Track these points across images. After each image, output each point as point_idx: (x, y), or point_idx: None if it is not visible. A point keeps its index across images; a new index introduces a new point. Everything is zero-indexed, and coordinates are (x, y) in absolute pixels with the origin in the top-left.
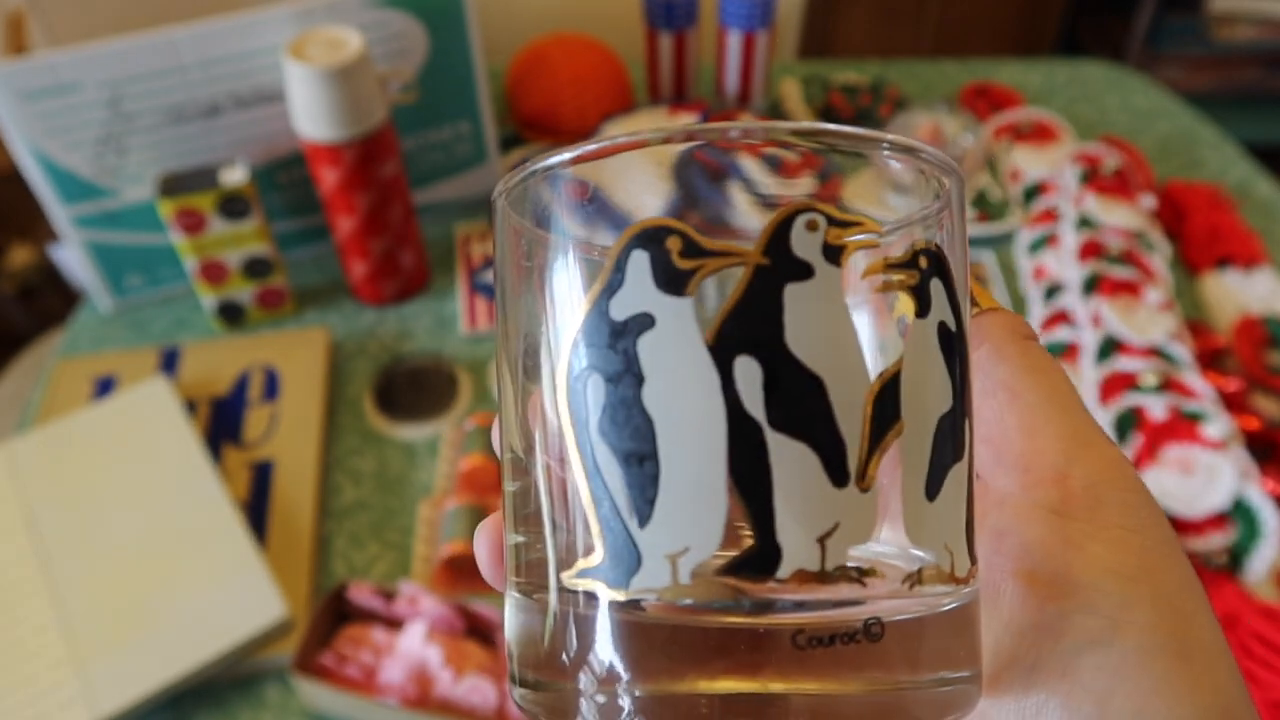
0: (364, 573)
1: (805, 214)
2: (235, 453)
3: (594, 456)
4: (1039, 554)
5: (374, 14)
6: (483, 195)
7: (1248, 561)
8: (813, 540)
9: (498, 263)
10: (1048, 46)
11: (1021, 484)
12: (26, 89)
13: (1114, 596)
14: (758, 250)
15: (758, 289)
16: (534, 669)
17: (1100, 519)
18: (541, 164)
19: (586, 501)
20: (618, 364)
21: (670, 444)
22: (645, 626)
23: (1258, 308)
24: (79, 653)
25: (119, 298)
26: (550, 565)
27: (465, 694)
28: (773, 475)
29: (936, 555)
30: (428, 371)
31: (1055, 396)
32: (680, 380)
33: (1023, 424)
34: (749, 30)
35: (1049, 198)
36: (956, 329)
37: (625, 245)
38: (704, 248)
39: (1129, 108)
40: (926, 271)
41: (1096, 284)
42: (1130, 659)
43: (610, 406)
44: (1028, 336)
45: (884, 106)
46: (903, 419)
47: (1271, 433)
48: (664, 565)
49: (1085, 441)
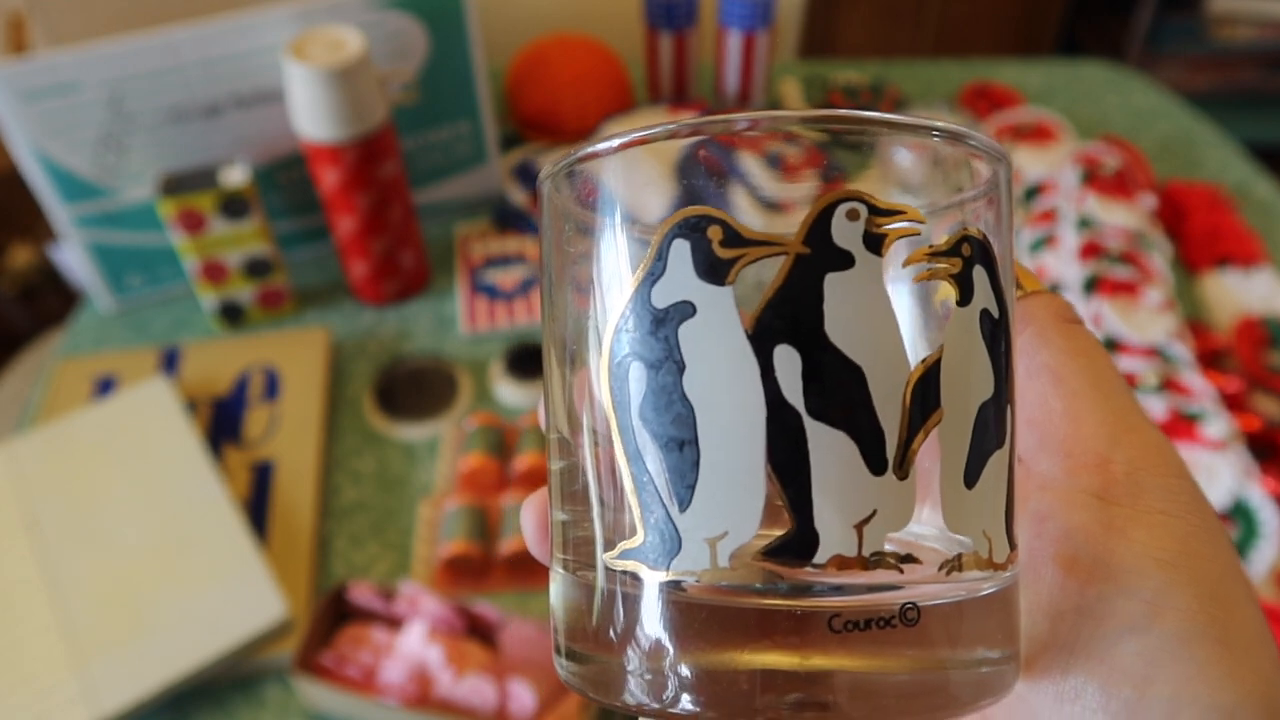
0: (364, 573)
1: (847, 203)
2: (235, 453)
3: (636, 441)
4: (1080, 539)
5: (374, 14)
6: (483, 195)
7: (1248, 561)
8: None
9: (543, 247)
10: (1048, 46)
11: (1064, 468)
12: (27, 89)
13: (1154, 581)
14: (798, 239)
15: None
16: (580, 643)
17: (1142, 504)
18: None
19: (629, 485)
20: (659, 351)
21: (710, 431)
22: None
23: (1258, 308)
24: (79, 653)
25: (119, 298)
26: (597, 545)
27: (465, 694)
28: (811, 463)
29: (975, 542)
30: (428, 371)
31: (1099, 381)
32: (720, 368)
33: (1066, 408)
34: (749, 30)
35: (1049, 198)
36: (1000, 316)
37: (667, 234)
38: (745, 236)
39: (1129, 108)
40: (970, 259)
41: (1096, 284)
42: (1170, 644)
43: (652, 393)
44: (1072, 320)
45: (884, 106)
46: (943, 407)
47: (1271, 433)
48: (703, 549)
49: (1128, 426)
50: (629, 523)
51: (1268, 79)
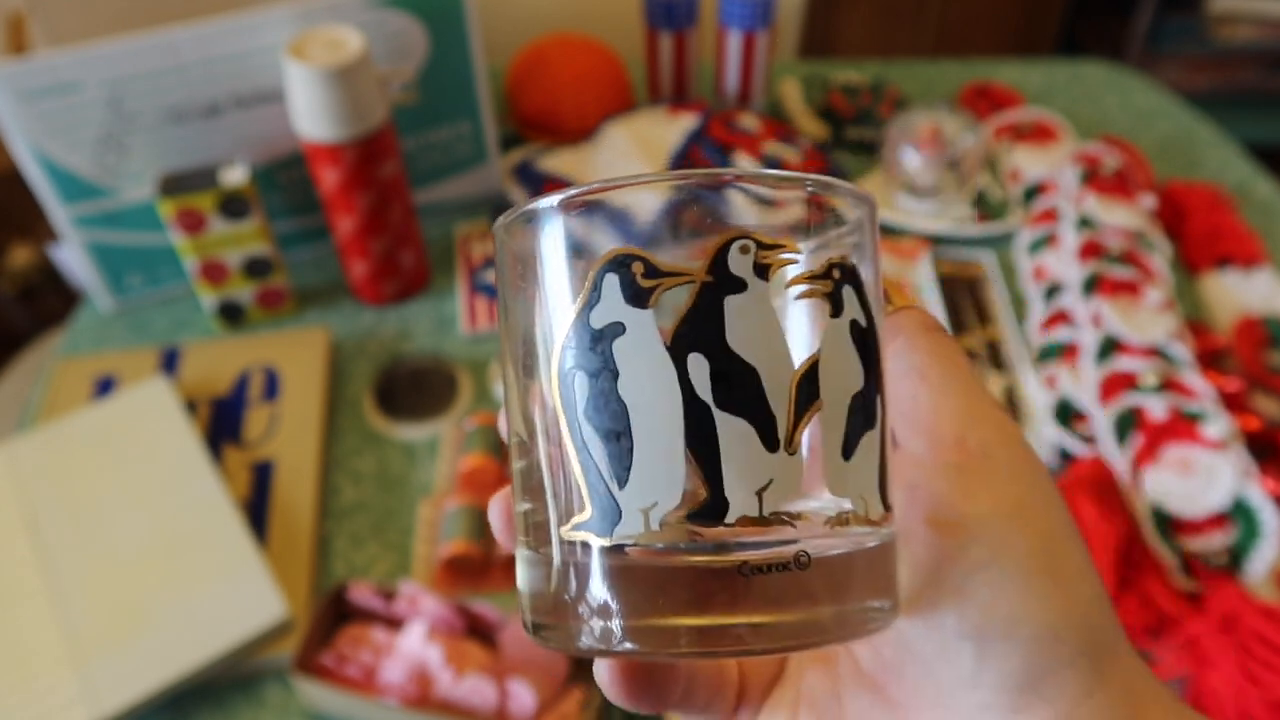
0: (364, 573)
1: (739, 240)
2: (235, 453)
3: (582, 434)
4: (942, 502)
5: (374, 14)
6: (483, 195)
7: (1248, 561)
8: (752, 493)
9: (499, 281)
10: (1048, 46)
11: (929, 447)
12: (27, 89)
13: (998, 531)
14: (703, 270)
15: (704, 301)
16: (542, 608)
17: (989, 473)
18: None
19: (577, 470)
20: (598, 362)
21: (640, 423)
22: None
23: (1258, 308)
24: (79, 653)
25: (119, 298)
26: (552, 525)
27: (465, 694)
28: (720, 445)
29: (854, 503)
30: (428, 371)
31: (955, 377)
32: (646, 374)
33: (929, 400)
34: (749, 30)
35: (1049, 198)
36: (868, 325)
37: (600, 269)
38: (661, 270)
39: (1129, 108)
40: (840, 281)
41: (1096, 284)
42: (1009, 577)
43: (593, 396)
44: (934, 329)
45: (884, 106)
46: (821, 398)
47: (1271, 433)
48: (639, 517)
49: (979, 412)
50: (578, 502)
51: (1268, 79)
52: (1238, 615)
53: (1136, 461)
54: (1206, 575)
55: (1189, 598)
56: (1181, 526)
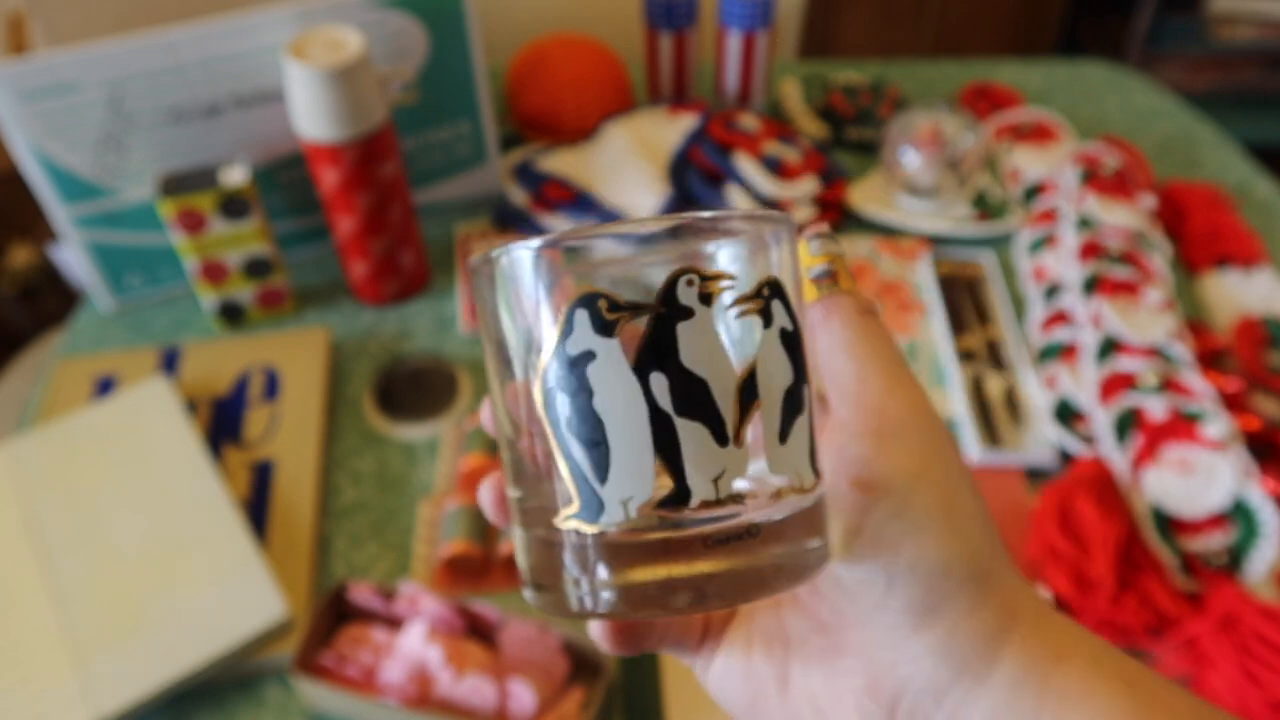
0: (364, 573)
1: (685, 274)
2: (235, 453)
3: (566, 444)
4: (864, 463)
5: (374, 14)
6: (483, 195)
7: (1248, 561)
8: (709, 481)
9: (480, 311)
10: (1048, 46)
11: (855, 415)
12: (27, 89)
13: (906, 486)
14: (657, 303)
15: (660, 328)
16: (541, 578)
17: (904, 438)
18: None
19: (564, 472)
20: (575, 384)
21: (614, 432)
22: (611, 545)
23: (1258, 308)
24: (79, 653)
25: (119, 298)
26: (546, 511)
27: (465, 694)
28: (680, 445)
29: (790, 478)
30: (428, 371)
31: (881, 354)
32: (616, 392)
33: (856, 373)
34: (749, 30)
35: (1049, 198)
36: (794, 330)
37: (571, 306)
38: (622, 304)
39: (1129, 108)
40: (769, 297)
41: (1096, 284)
42: (915, 523)
43: (573, 412)
44: (867, 312)
45: (884, 106)
46: (760, 398)
47: (1271, 433)
48: (618, 507)
49: (899, 385)
50: (567, 497)
51: (1268, 79)
52: (1238, 615)
53: (1136, 461)
54: (1206, 575)
55: (1189, 598)
56: (1181, 526)
